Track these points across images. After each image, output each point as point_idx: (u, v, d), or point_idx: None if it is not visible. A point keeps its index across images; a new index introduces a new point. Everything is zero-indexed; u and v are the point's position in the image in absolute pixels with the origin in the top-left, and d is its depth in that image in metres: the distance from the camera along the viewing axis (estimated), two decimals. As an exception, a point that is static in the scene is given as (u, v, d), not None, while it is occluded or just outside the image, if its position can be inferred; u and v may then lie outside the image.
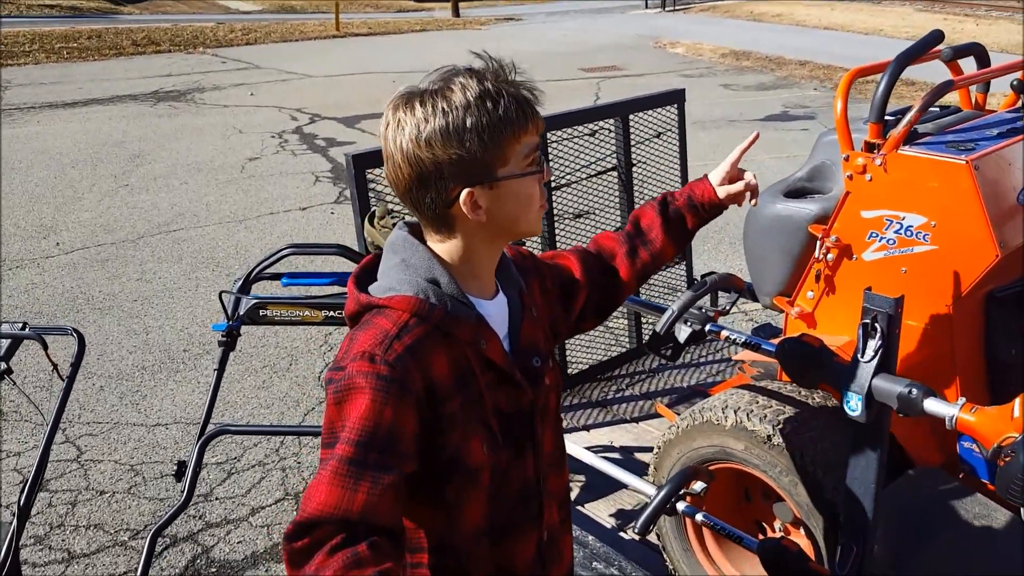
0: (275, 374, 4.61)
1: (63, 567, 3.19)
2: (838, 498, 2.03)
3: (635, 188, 3.83)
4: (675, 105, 3.93)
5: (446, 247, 1.34)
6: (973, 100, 2.60)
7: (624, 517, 2.95)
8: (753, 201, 1.73)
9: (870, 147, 2.22)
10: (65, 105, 12.27)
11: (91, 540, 3.33)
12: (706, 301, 2.03)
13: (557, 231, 3.61)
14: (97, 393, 4.49)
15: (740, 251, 5.91)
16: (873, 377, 1.57)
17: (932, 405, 1.52)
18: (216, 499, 3.60)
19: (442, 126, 1.23)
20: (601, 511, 2.96)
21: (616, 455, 3.28)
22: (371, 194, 3.03)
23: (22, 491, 2.33)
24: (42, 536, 3.35)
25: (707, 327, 1.92)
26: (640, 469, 3.20)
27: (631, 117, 3.76)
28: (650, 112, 3.87)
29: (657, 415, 3.50)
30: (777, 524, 2.43)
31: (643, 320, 3.93)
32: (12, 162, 9.23)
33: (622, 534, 2.87)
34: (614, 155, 3.78)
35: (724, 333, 1.96)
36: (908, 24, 18.52)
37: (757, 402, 2.27)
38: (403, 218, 2.82)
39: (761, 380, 2.48)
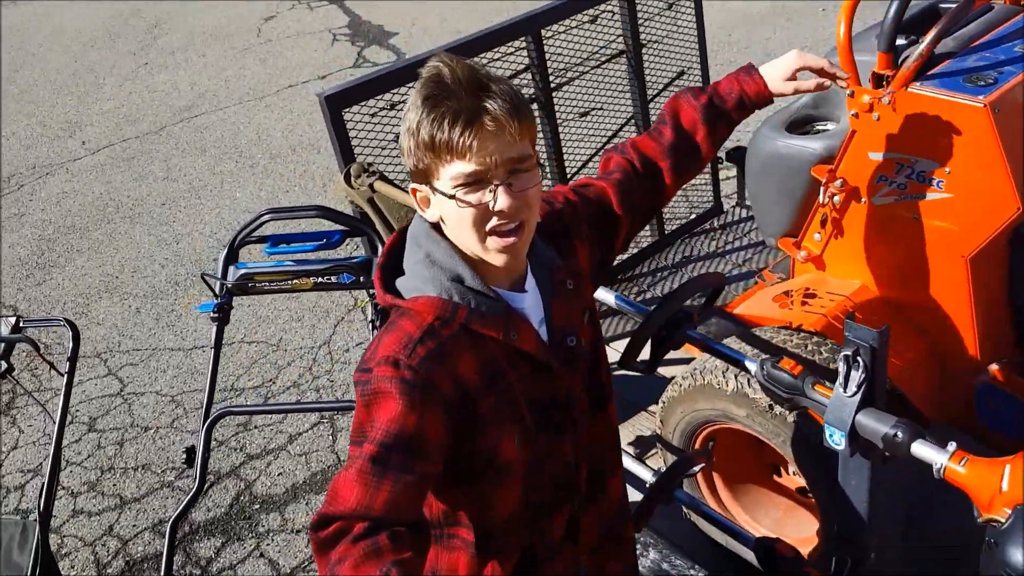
0: (302, 283, 4.60)
1: (116, 514, 3.37)
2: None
3: (646, 72, 3.52)
4: (687, -32, 3.52)
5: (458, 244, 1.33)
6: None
7: (643, 445, 2.93)
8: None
9: (878, 80, 1.94)
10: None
11: (140, 483, 3.49)
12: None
13: (562, 133, 3.37)
14: (133, 316, 4.57)
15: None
16: (856, 412, 1.44)
17: (919, 449, 1.39)
18: (255, 428, 3.70)
19: (405, 120, 1.26)
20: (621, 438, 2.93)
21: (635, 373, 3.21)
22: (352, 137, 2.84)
23: (40, 494, 2.40)
24: (94, 482, 3.53)
25: (686, 333, 1.78)
26: (662, 387, 3.14)
27: (636, -8, 3.40)
28: (659, -19, 3.49)
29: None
30: (792, 467, 2.38)
31: (663, 214, 3.73)
32: (30, 47, 9.05)
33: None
34: (619, 39, 3.45)
35: (705, 342, 1.82)
36: None
37: (759, 364, 2.15)
38: (381, 175, 2.66)
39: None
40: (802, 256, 2.25)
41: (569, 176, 3.47)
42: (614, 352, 3.30)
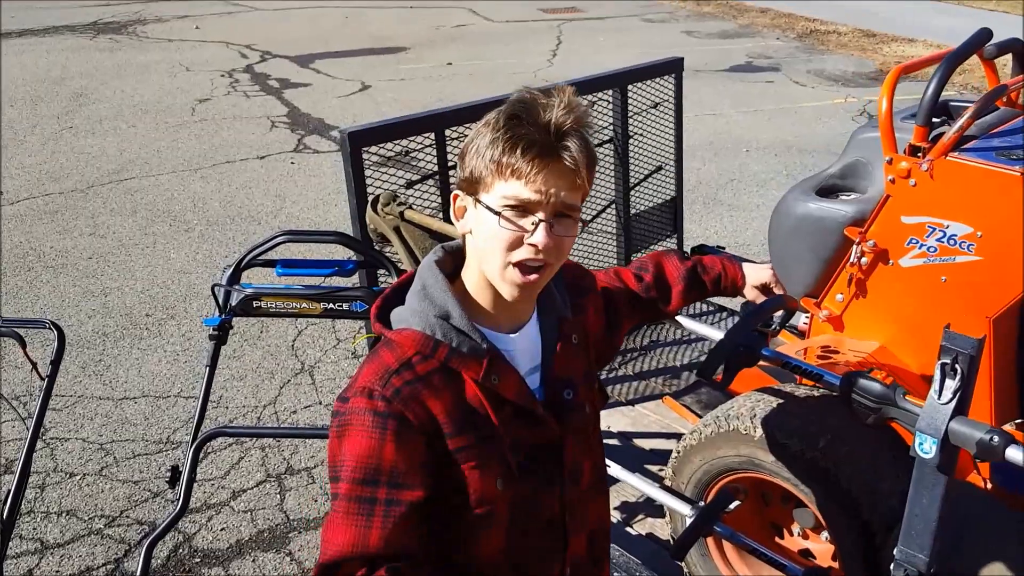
0: (246, 343, 4.42)
1: (37, 558, 3.02)
2: (873, 517, 1.98)
3: (630, 162, 3.70)
4: (673, 75, 3.79)
5: (470, 272, 1.33)
6: (1005, 97, 2.52)
7: (629, 510, 2.90)
8: None
9: (914, 150, 2.13)
10: (-4, 34, 11.56)
11: (64, 528, 3.16)
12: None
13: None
14: (57, 362, 4.24)
15: (714, 211, 5.86)
16: (950, 420, 1.50)
17: (1014, 453, 1.46)
18: (195, 482, 3.43)
19: (479, 131, 1.27)
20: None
21: (615, 441, 3.21)
22: (367, 174, 2.84)
23: (4, 501, 2.16)
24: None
25: (760, 351, 1.83)
26: (639, 457, 3.16)
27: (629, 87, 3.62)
28: (648, 82, 3.73)
29: (654, 397, 3.44)
30: (796, 528, 2.40)
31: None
32: (-58, 97, 8.66)
33: (628, 529, 2.82)
34: (610, 127, 3.64)
35: (781, 359, 1.87)
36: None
37: (788, 411, 2.20)
38: (409, 205, 2.66)
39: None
40: (823, 315, 2.36)
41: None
42: (624, 416, 3.31)
